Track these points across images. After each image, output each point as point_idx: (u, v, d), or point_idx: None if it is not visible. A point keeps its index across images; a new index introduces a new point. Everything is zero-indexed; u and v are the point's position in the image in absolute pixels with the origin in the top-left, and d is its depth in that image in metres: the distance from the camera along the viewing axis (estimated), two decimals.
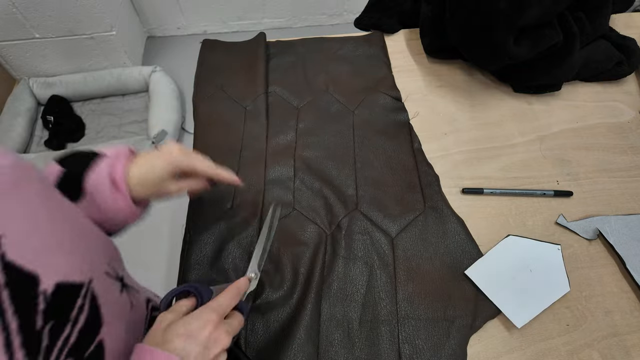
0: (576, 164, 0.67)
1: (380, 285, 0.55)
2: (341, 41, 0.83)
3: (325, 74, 0.78)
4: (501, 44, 0.67)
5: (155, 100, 1.68)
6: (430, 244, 0.58)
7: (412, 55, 0.82)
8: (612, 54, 0.75)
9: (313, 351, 0.50)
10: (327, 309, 0.53)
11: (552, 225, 0.61)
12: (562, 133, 0.71)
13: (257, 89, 0.74)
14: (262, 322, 0.53)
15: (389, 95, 0.74)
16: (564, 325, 0.53)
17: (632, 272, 0.55)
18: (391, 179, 0.64)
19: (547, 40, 0.68)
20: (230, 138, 0.69)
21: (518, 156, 0.68)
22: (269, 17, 2.08)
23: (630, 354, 0.51)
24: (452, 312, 0.53)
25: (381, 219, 0.60)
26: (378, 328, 0.52)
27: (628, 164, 0.67)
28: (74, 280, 0.29)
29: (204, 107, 0.74)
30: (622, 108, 0.75)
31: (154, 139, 1.56)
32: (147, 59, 2.00)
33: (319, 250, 0.57)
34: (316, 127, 0.71)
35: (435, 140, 0.70)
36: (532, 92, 0.76)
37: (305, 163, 0.66)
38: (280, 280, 0.56)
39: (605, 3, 0.73)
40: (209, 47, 0.82)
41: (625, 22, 0.85)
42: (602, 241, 0.60)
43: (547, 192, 0.63)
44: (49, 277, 0.26)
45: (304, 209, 0.62)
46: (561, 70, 0.71)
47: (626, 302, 0.55)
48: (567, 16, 0.70)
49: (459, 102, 0.75)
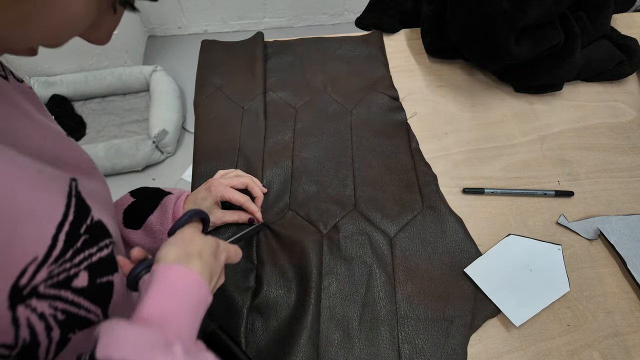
0: (577, 164, 0.67)
1: (380, 285, 0.55)
2: (339, 41, 0.83)
3: (323, 74, 0.78)
4: (502, 44, 0.66)
5: (156, 99, 1.68)
6: (428, 244, 0.58)
7: (413, 55, 0.82)
8: (613, 54, 0.75)
9: (313, 351, 0.50)
10: (326, 309, 0.53)
11: (553, 225, 0.61)
12: (563, 133, 0.71)
13: (255, 89, 0.74)
14: (262, 322, 0.53)
15: (387, 95, 0.74)
16: (564, 326, 0.53)
17: (633, 272, 0.55)
18: (389, 179, 0.64)
19: (549, 40, 0.68)
20: (228, 138, 0.69)
21: (519, 156, 0.68)
22: (270, 17, 2.08)
23: (630, 354, 0.51)
24: (452, 312, 0.53)
25: (379, 219, 0.60)
26: (378, 328, 0.52)
27: (629, 164, 0.67)
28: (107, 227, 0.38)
29: (204, 107, 0.74)
30: (624, 108, 0.75)
31: (155, 138, 1.56)
32: (148, 58, 2.00)
33: (317, 250, 0.57)
34: (314, 127, 0.71)
35: (436, 140, 0.70)
36: (533, 92, 0.76)
37: (303, 163, 0.66)
38: (279, 280, 0.56)
39: (606, 3, 0.73)
40: (208, 48, 0.82)
41: (626, 22, 0.85)
42: (603, 241, 0.59)
43: (548, 192, 0.63)
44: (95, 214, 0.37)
45: (302, 209, 0.62)
46: (562, 70, 0.71)
47: (627, 303, 0.55)
48: (569, 16, 0.70)
49: (460, 102, 0.75)
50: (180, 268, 0.35)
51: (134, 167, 1.57)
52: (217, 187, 0.57)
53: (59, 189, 0.34)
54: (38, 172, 0.32)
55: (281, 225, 0.60)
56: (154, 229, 0.53)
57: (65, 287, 0.32)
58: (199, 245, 0.39)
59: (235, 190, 0.58)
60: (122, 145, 1.53)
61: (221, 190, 0.56)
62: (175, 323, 0.32)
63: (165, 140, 1.58)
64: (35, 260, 0.30)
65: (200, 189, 0.59)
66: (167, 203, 0.54)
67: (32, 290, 0.30)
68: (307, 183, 0.64)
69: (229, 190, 0.57)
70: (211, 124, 0.71)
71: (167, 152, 1.64)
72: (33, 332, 0.30)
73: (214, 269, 0.39)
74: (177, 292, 0.34)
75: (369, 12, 0.87)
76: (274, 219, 0.61)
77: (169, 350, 0.29)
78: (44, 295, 0.31)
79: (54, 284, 0.31)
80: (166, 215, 0.53)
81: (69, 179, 0.35)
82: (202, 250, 0.38)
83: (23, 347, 0.30)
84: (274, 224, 0.60)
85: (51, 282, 0.31)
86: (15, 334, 0.29)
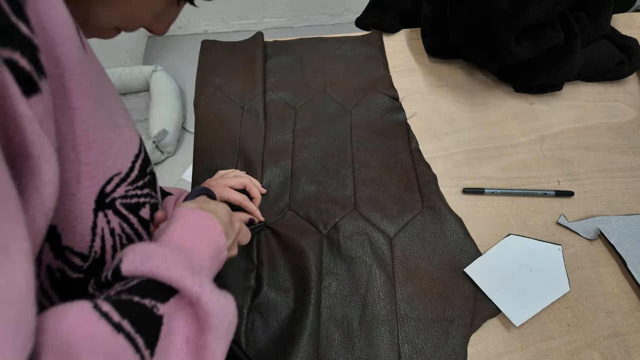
0: (577, 164, 0.67)
1: (380, 285, 0.55)
2: (339, 41, 0.83)
3: (323, 74, 0.78)
4: (502, 44, 0.66)
5: (156, 99, 1.68)
6: (428, 244, 0.58)
7: (413, 55, 0.82)
8: (613, 54, 0.75)
9: (313, 351, 0.50)
10: (326, 309, 0.53)
11: (553, 225, 0.61)
12: (563, 133, 0.71)
13: (255, 89, 0.74)
14: (262, 322, 0.52)
15: (387, 95, 0.74)
16: (564, 326, 0.53)
17: (633, 273, 0.55)
18: (389, 179, 0.64)
19: (549, 40, 0.67)
20: (228, 138, 0.69)
21: (519, 156, 0.68)
22: (270, 17, 2.08)
23: (631, 354, 0.51)
24: (451, 312, 0.53)
25: (379, 219, 0.60)
26: (378, 328, 0.52)
27: (629, 164, 0.67)
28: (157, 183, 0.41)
29: (204, 107, 0.74)
30: (624, 108, 0.74)
31: (155, 138, 1.56)
32: (148, 58, 2.00)
33: (317, 250, 0.57)
34: (314, 127, 0.71)
35: (436, 140, 0.70)
36: (533, 92, 0.76)
37: (303, 163, 0.66)
38: (279, 280, 0.56)
39: (606, 3, 0.73)
40: (208, 48, 0.82)
41: (626, 22, 0.85)
42: (603, 241, 0.59)
43: (548, 192, 0.63)
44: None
45: (301, 209, 0.62)
46: (562, 70, 0.71)
47: (627, 303, 0.55)
48: (569, 16, 0.70)
49: (460, 102, 0.75)
50: (201, 212, 0.36)
51: None
52: (215, 187, 0.57)
53: (135, 128, 0.36)
54: (123, 110, 0.35)
55: (281, 225, 0.60)
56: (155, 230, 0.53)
57: (134, 213, 0.35)
58: (214, 205, 0.39)
59: (233, 190, 0.58)
60: None
61: (219, 190, 0.57)
62: (198, 258, 0.32)
63: (165, 140, 1.58)
64: (119, 174, 0.32)
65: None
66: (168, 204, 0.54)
67: (111, 202, 0.32)
68: (307, 183, 0.64)
69: (228, 191, 0.57)
70: (211, 124, 0.71)
71: (167, 152, 1.64)
72: (103, 246, 0.32)
73: (228, 230, 0.39)
74: (200, 229, 0.35)
75: (369, 12, 0.87)
76: (274, 219, 0.61)
77: (197, 275, 0.29)
78: (118, 212, 0.33)
79: (126, 204, 0.34)
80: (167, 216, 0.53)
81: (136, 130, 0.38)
82: (216, 210, 0.39)
83: (92, 261, 0.32)
84: (274, 224, 0.60)
85: (125, 201, 0.34)
86: (91, 243, 0.31)
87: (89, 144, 0.29)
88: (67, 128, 0.27)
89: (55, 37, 0.25)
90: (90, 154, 0.29)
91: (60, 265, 0.31)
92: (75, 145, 0.28)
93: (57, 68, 0.26)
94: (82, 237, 0.30)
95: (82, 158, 0.29)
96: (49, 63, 0.25)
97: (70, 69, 0.26)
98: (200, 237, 0.34)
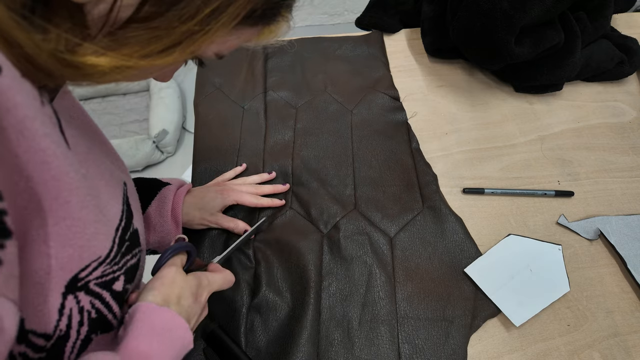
0: (577, 164, 0.67)
1: (380, 285, 0.55)
2: (339, 41, 0.83)
3: (324, 74, 0.78)
4: (502, 43, 0.66)
5: (156, 99, 1.68)
6: (428, 244, 0.58)
7: (413, 55, 0.82)
8: (613, 54, 0.75)
9: (313, 351, 0.50)
10: (326, 309, 0.53)
11: (553, 225, 0.61)
12: (563, 133, 0.71)
13: (255, 88, 0.74)
14: (262, 322, 0.52)
15: (387, 95, 0.74)
16: (564, 326, 0.53)
17: (633, 273, 0.55)
18: (389, 179, 0.64)
19: (549, 40, 0.67)
20: (228, 138, 0.69)
21: (519, 156, 0.68)
22: None
23: (631, 354, 0.51)
24: (452, 312, 0.53)
25: (379, 219, 0.60)
26: (378, 328, 0.52)
27: (629, 164, 0.67)
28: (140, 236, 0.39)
29: (204, 106, 0.74)
30: (624, 108, 0.75)
31: (155, 138, 1.56)
32: None
33: (317, 250, 0.57)
34: (314, 126, 0.71)
35: (436, 140, 0.70)
36: (534, 92, 0.76)
37: (303, 163, 0.66)
38: (279, 280, 0.55)
39: (606, 3, 0.73)
40: None
41: (626, 22, 0.85)
42: (603, 241, 0.59)
43: (548, 192, 0.63)
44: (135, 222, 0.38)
45: (302, 208, 0.62)
46: (562, 70, 0.71)
47: (627, 303, 0.55)
48: (569, 16, 0.70)
49: (460, 102, 0.75)
50: (167, 312, 0.35)
51: (134, 167, 1.57)
52: (230, 193, 0.58)
53: (120, 192, 0.35)
54: (110, 174, 0.34)
55: (281, 224, 0.60)
56: (153, 221, 0.52)
57: (107, 288, 0.33)
58: (179, 288, 0.38)
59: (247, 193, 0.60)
60: (122, 145, 1.53)
61: (234, 196, 0.58)
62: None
63: (166, 140, 1.58)
64: (98, 259, 0.31)
65: (210, 187, 0.59)
66: (166, 194, 0.53)
67: (85, 284, 0.31)
68: (308, 182, 0.64)
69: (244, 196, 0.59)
70: (211, 124, 0.71)
71: (167, 152, 1.64)
72: (69, 324, 0.31)
73: (193, 311, 0.39)
74: (165, 330, 0.34)
75: (369, 11, 0.87)
76: (274, 219, 0.61)
77: None
78: (91, 292, 0.32)
79: (100, 283, 0.32)
80: (165, 206, 0.52)
81: (122, 182, 0.36)
82: (182, 294, 0.37)
83: (57, 339, 0.30)
84: (274, 224, 0.60)
85: (100, 280, 0.32)
86: (56, 323, 0.30)
87: (62, 242, 0.28)
88: (39, 229, 0.26)
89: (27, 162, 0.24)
90: (63, 249, 0.28)
91: (23, 349, 0.29)
92: (47, 240, 0.27)
93: (30, 182, 0.24)
94: (48, 319, 0.29)
95: (53, 253, 0.27)
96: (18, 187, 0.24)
97: (43, 184, 0.25)
98: (164, 341, 0.33)
